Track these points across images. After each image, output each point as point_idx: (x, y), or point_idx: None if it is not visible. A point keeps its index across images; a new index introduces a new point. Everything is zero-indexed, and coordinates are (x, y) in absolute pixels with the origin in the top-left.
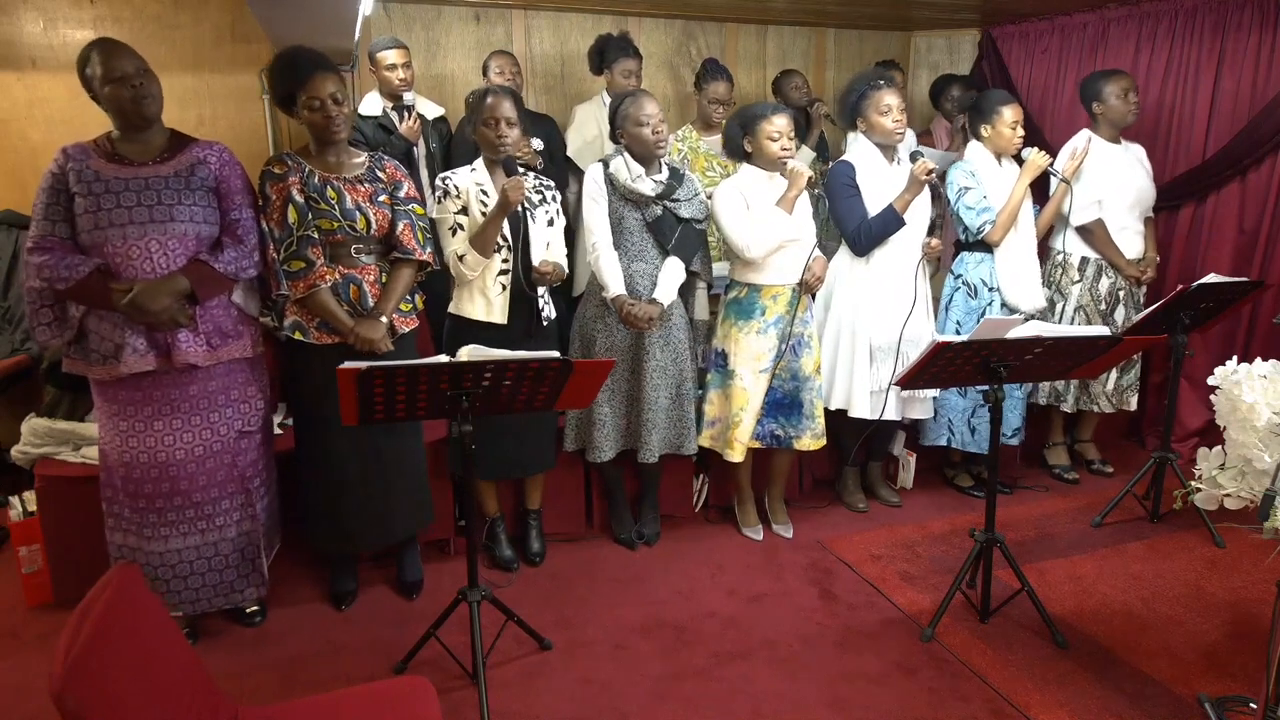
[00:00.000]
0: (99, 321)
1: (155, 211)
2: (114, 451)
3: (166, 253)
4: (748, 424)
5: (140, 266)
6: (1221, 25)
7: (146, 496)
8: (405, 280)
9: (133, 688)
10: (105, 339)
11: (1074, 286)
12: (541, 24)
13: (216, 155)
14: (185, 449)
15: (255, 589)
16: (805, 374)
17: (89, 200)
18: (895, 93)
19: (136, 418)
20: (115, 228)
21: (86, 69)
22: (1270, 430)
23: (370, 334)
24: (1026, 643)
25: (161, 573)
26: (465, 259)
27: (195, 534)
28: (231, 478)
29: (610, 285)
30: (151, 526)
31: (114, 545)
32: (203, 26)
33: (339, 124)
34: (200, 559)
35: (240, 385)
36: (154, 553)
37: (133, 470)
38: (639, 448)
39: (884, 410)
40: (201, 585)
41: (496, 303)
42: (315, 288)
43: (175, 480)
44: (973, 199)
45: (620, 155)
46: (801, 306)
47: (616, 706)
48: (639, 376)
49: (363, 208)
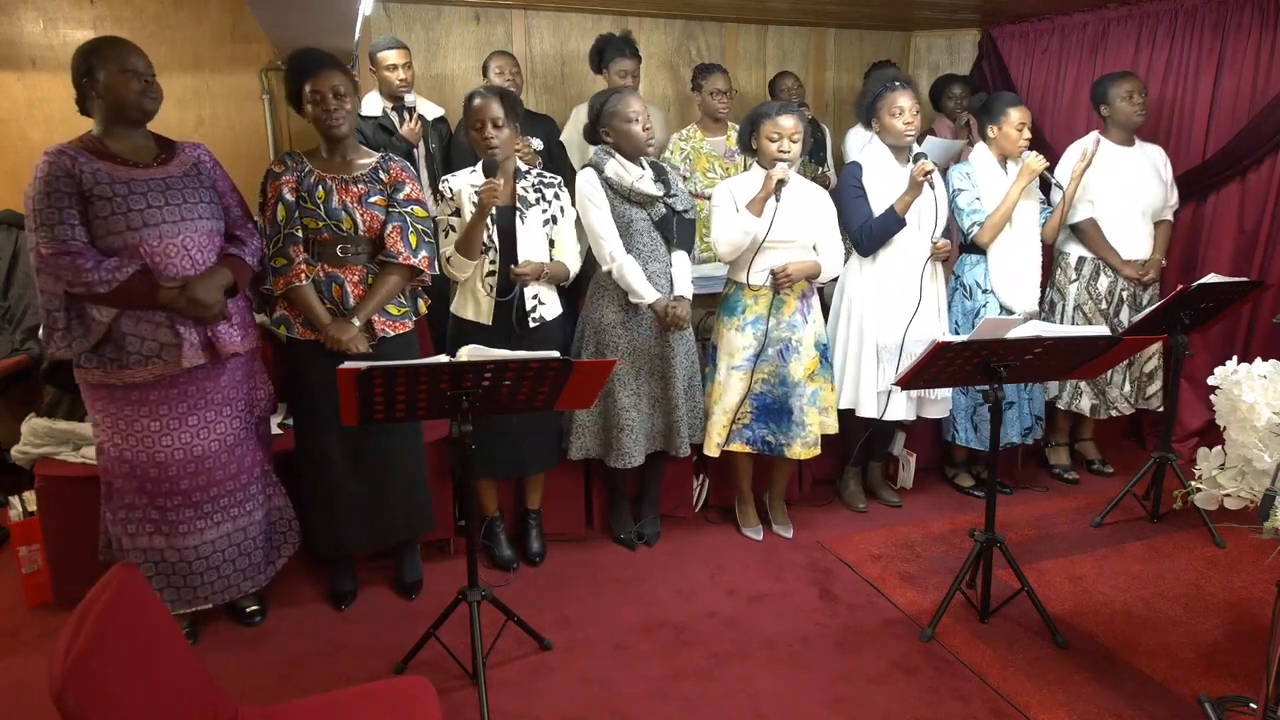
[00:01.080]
0: (136, 323)
1: (183, 210)
2: (141, 454)
3: (200, 249)
4: (718, 418)
5: (179, 264)
6: (1221, 25)
7: (183, 493)
8: (389, 284)
9: (133, 688)
10: (147, 339)
11: (1071, 286)
12: (541, 24)
13: (206, 155)
14: (219, 439)
15: (274, 565)
16: (794, 380)
17: (114, 202)
18: (909, 95)
19: (170, 415)
20: (150, 228)
21: (90, 58)
22: (1270, 430)
23: (339, 334)
24: (1026, 643)
25: (196, 566)
26: (451, 261)
27: (228, 521)
28: (257, 461)
29: (644, 292)
30: (187, 521)
31: (136, 551)
32: (203, 26)
33: (338, 117)
34: (231, 545)
35: (257, 372)
36: (188, 548)
37: (167, 469)
38: (672, 445)
39: (888, 410)
40: (233, 571)
41: (484, 304)
42: (292, 285)
43: (211, 471)
44: (964, 200)
45: (611, 157)
46: (787, 310)
47: (616, 706)
48: (668, 376)
49: (349, 208)
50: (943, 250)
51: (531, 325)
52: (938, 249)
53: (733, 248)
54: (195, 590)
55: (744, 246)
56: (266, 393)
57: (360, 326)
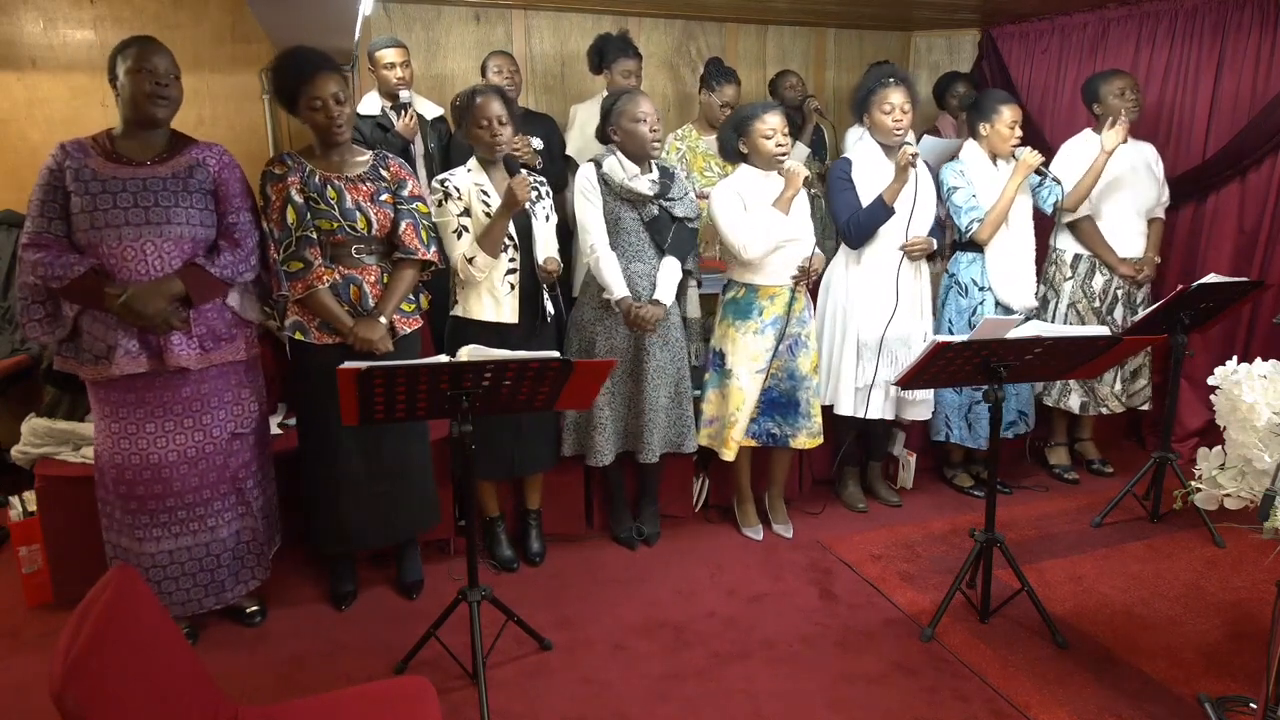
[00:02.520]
0: (92, 322)
1: (152, 213)
2: (106, 453)
3: (162, 255)
4: (743, 423)
5: (135, 268)
6: (1221, 25)
7: (138, 498)
8: (407, 280)
9: (133, 688)
10: (98, 339)
11: (1066, 283)
12: (541, 24)
13: (216, 157)
14: (177, 450)
15: (244, 585)
16: (802, 373)
17: (85, 199)
18: (902, 92)
19: (128, 420)
20: (111, 228)
21: (117, 54)
22: (1270, 430)
23: (368, 334)
24: (1026, 643)
25: (153, 574)
26: (475, 261)
27: (187, 535)
28: (224, 479)
29: (613, 287)
30: (143, 528)
31: (110, 545)
32: (203, 26)
33: (341, 124)
34: (191, 560)
35: (234, 388)
36: (145, 554)
37: (124, 472)
38: (639, 449)
39: (868, 408)
40: (193, 586)
41: (506, 302)
42: (313, 288)
43: (167, 482)
44: (961, 198)
45: (613, 154)
46: (799, 306)
47: (616, 706)
48: (640, 378)
49: (363, 207)
50: (915, 247)
51: (548, 321)
52: (910, 247)
53: (766, 249)
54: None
55: (773, 247)
56: (257, 407)
57: (387, 325)
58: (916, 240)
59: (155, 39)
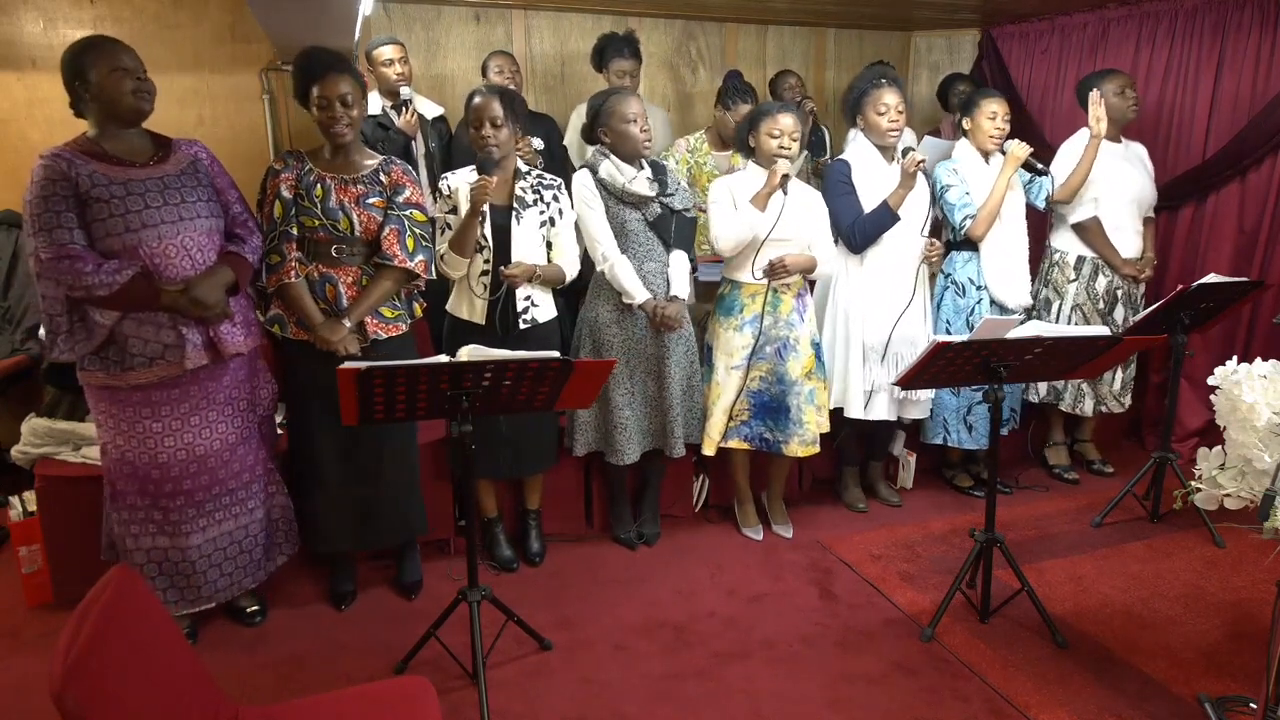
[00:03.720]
0: (139, 325)
1: (182, 210)
2: (143, 455)
3: (200, 248)
4: (717, 418)
5: (179, 264)
6: (1221, 25)
7: (185, 493)
8: (383, 287)
9: (133, 688)
10: (150, 341)
11: (1070, 285)
12: (541, 24)
13: (204, 152)
14: (221, 438)
15: (275, 561)
16: (791, 378)
17: (114, 204)
18: (895, 92)
19: (172, 416)
20: (150, 228)
21: (80, 59)
22: (1270, 430)
23: (328, 335)
24: (1026, 643)
25: (199, 565)
26: (445, 258)
27: (229, 520)
28: (259, 460)
29: (634, 292)
30: (190, 521)
31: (139, 552)
32: (203, 26)
33: (342, 126)
34: (233, 543)
35: (260, 370)
36: (191, 547)
37: (169, 470)
38: (667, 445)
39: (873, 409)
40: (235, 569)
41: (477, 304)
42: (283, 281)
43: (213, 470)
44: (954, 195)
45: (606, 158)
46: (785, 308)
47: (616, 706)
48: (663, 376)
49: (346, 208)
50: (934, 252)
51: (522, 327)
52: (930, 252)
53: (736, 243)
54: (199, 590)
55: (746, 241)
56: (270, 391)
57: (352, 327)
58: (937, 246)
59: (110, 37)
